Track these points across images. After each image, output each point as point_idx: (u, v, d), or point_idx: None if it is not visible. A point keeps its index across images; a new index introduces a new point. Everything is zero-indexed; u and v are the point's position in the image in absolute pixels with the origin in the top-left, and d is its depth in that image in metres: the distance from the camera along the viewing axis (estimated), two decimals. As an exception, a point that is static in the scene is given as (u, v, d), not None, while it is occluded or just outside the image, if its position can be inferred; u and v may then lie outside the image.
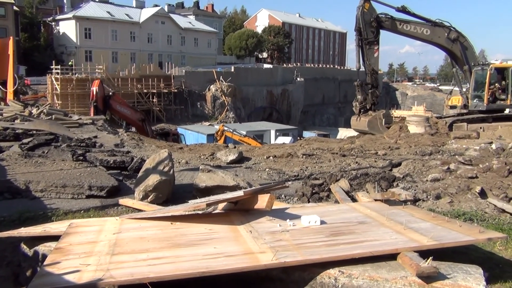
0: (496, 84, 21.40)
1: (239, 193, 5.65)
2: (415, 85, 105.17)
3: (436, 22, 21.74)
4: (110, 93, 22.90)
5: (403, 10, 21.39)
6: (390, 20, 21.31)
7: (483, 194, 8.22)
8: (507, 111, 22.32)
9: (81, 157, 9.96)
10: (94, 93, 21.54)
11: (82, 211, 7.11)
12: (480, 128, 21.07)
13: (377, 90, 22.45)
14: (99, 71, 44.70)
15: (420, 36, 21.81)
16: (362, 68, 22.38)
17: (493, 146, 13.32)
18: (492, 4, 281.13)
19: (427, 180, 9.27)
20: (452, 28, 21.63)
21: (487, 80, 21.17)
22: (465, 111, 22.78)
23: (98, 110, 21.71)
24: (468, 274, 3.95)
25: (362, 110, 22.34)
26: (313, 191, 8.34)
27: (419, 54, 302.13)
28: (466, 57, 21.78)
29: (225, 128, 29.35)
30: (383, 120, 21.74)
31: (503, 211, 7.55)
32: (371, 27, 21.06)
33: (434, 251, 4.36)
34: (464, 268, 4.07)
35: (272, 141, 33.88)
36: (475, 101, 21.87)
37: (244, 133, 30.38)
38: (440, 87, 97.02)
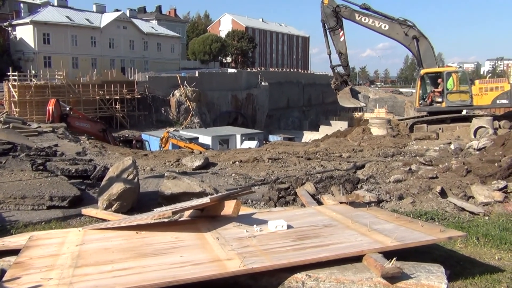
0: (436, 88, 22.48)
1: (205, 199, 5.62)
2: (377, 88, 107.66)
3: (397, 19, 22.69)
4: (68, 109, 22.25)
5: (365, 7, 22.68)
6: (349, 10, 22.74)
7: (443, 193, 8.48)
8: (464, 112, 23.20)
9: (41, 167, 9.65)
10: (51, 112, 20.90)
11: (43, 223, 6.89)
12: (439, 129, 21.79)
13: (345, 69, 24.12)
14: (59, 77, 43.49)
15: (378, 30, 22.90)
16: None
17: (452, 146, 13.80)
18: (450, 8, 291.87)
19: (390, 181, 9.49)
20: (413, 27, 22.40)
21: (417, 84, 23.04)
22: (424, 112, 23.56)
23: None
24: (430, 273, 4.06)
25: (337, 88, 24.56)
26: (280, 195, 8.38)
27: (380, 58, 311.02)
28: (420, 57, 22.66)
29: (170, 135, 29.11)
30: (350, 94, 24.26)
31: (463, 209, 7.81)
32: (332, 17, 22.84)
33: (398, 251, 4.46)
34: (427, 267, 4.19)
35: (238, 146, 33.90)
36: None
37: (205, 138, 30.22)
38: (401, 90, 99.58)
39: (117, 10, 71.79)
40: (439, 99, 22.28)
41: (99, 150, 15.42)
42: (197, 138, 34.34)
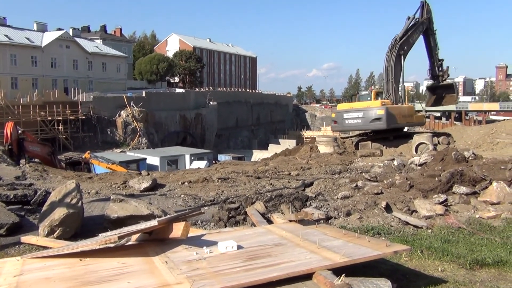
0: None
1: (153, 222, 5.48)
2: (323, 106, 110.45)
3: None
4: (20, 132, 21.08)
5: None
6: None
7: (388, 208, 8.74)
8: (406, 129, 24.31)
9: (-25, 193, 9.09)
10: (9, 135, 19.72)
11: (-23, 253, 6.45)
12: (383, 145, 22.61)
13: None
14: (-4, 98, 41.50)
15: None
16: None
17: (395, 162, 14.29)
18: (388, 30, 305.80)
19: (337, 198, 9.67)
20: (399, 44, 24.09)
21: None
22: None
23: (13, 154, 19.87)
24: (378, 287, 4.14)
25: None
26: (230, 215, 8.32)
27: (325, 77, 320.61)
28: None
29: (92, 156, 28.34)
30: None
31: (407, 223, 8.08)
32: None
33: (347, 267, 4.52)
34: (375, 282, 4.26)
35: (187, 166, 33.53)
36: None
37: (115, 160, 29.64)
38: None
39: (60, 29, 69.63)
40: None
41: (40, 174, 14.75)
42: (145, 159, 33.67)
